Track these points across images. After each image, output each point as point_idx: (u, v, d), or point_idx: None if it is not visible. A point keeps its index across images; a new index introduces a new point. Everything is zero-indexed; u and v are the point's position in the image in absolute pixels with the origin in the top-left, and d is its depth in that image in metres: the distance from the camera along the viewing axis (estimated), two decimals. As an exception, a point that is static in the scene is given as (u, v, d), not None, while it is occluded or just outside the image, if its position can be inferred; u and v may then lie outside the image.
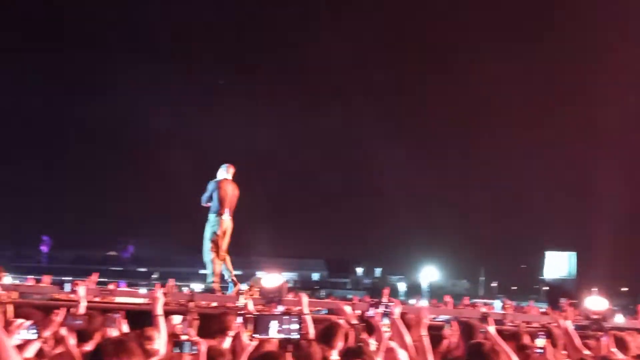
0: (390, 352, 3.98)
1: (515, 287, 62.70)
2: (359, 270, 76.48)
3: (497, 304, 12.64)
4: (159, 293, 4.79)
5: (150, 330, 4.36)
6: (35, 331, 3.41)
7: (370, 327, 5.28)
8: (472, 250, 69.90)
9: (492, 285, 66.23)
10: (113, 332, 4.63)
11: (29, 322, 3.23)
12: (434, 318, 8.30)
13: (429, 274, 65.53)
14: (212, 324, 5.41)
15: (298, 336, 3.02)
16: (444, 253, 68.78)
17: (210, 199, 9.57)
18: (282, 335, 3.03)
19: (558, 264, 65.75)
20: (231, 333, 5.01)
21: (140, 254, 66.68)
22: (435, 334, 5.85)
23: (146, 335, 4.24)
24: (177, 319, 5.28)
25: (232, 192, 9.65)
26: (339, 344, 4.70)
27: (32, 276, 13.53)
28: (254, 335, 3.09)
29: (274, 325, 3.05)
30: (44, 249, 63.52)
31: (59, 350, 4.14)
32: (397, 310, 4.84)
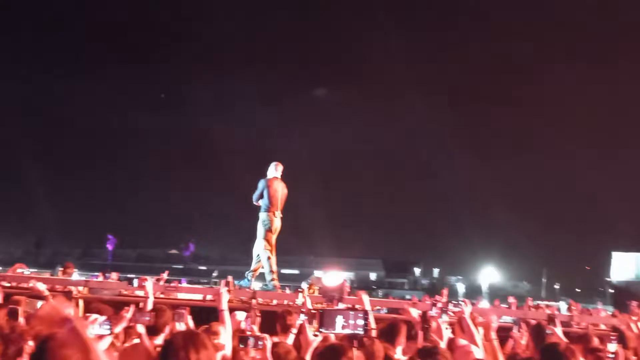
0: (461, 349, 3.92)
1: (580, 290, 60.79)
2: (417, 271, 75.74)
3: (563, 306, 12.29)
4: (223, 289, 4.86)
5: (217, 325, 4.43)
6: (108, 327, 3.49)
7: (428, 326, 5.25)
8: (533, 250, 68.27)
9: (554, 287, 64.38)
10: (180, 327, 4.73)
11: (103, 318, 3.32)
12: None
13: (489, 275, 64.27)
14: (274, 321, 5.47)
15: (363, 332, 3.00)
16: (504, 253, 67.40)
17: (260, 197, 9.66)
18: (348, 331, 3.01)
19: (626, 266, 63.29)
20: (294, 330, 5.05)
21: (201, 252, 67.99)
22: (500, 335, 5.74)
23: (212, 330, 4.31)
24: (240, 315, 5.34)
25: (281, 190, 9.74)
26: (402, 342, 4.70)
27: (99, 273, 14.00)
28: (319, 330, 3.08)
29: (339, 321, 3.04)
30: (109, 247, 65.65)
31: (130, 344, 4.26)
32: (467, 310, 4.79)
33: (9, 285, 8.04)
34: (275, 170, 9.82)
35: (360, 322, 2.99)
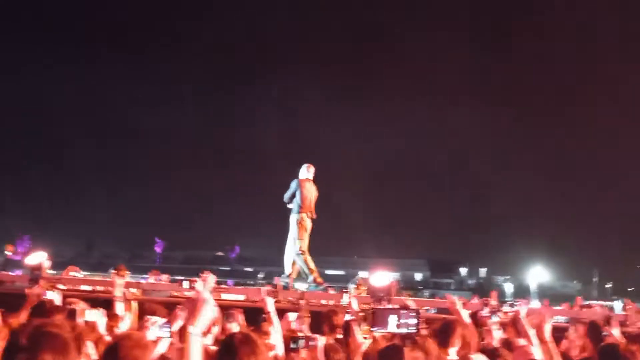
0: (521, 349, 3.85)
1: (632, 289, 58.98)
2: (463, 271, 74.75)
3: (617, 305, 11.95)
4: (264, 293, 4.89)
5: (267, 325, 4.45)
6: (167, 329, 3.51)
7: (479, 326, 5.21)
8: (583, 249, 66.61)
9: (606, 286, 62.63)
10: (232, 327, 4.78)
11: (162, 320, 3.35)
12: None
13: (537, 274, 62.97)
14: (321, 321, 5.48)
15: (416, 330, 2.98)
16: (553, 253, 65.90)
17: (293, 197, 9.72)
18: (401, 330, 3.00)
19: (682, 264, 61.08)
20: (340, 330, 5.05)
21: (246, 254, 68.56)
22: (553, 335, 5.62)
23: (263, 331, 4.33)
24: (292, 316, 5.36)
25: (313, 192, 9.78)
26: (456, 342, 4.63)
27: (152, 274, 14.28)
28: (372, 329, 3.07)
29: (392, 320, 3.02)
30: (158, 250, 67.01)
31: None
32: (523, 311, 4.72)
33: (64, 288, 8.25)
34: (307, 171, 9.88)
35: (413, 321, 2.97)
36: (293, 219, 9.66)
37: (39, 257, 6.68)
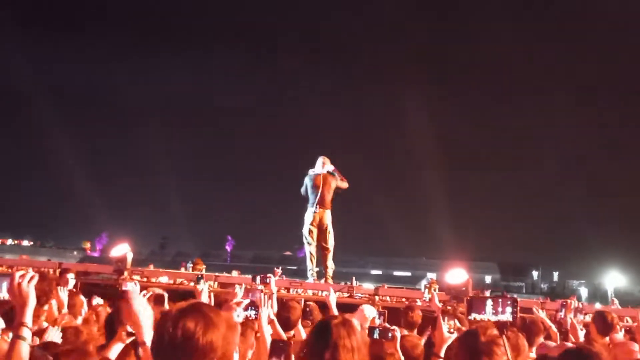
0: (621, 346, 3.76)
1: None
2: (535, 274, 72.74)
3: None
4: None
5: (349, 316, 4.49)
6: (255, 312, 3.57)
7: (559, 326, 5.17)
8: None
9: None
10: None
11: (247, 301, 3.41)
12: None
13: (614, 279, 60.60)
14: (397, 317, 5.49)
15: (511, 319, 2.96)
16: (630, 256, 63.25)
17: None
18: (499, 317, 2.99)
19: None
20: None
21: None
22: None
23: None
24: (368, 310, 5.40)
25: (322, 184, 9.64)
26: (538, 342, 4.59)
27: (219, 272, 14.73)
28: (469, 316, 3.06)
29: (489, 307, 3.02)
30: (228, 248, 68.64)
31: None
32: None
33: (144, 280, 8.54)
34: (321, 167, 9.81)
35: (509, 309, 2.95)
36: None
37: (122, 249, 6.97)
